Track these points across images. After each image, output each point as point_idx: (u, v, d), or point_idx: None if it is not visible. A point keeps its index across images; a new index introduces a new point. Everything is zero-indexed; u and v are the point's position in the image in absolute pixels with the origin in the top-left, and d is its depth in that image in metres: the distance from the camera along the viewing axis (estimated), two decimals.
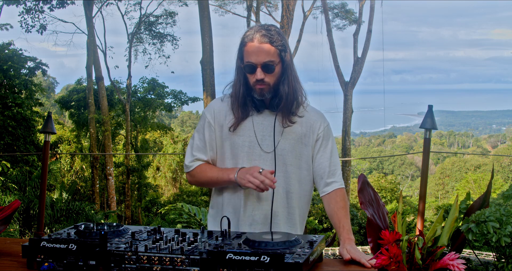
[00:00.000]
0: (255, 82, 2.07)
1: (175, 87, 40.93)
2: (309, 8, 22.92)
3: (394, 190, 29.22)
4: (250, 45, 2.05)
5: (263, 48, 2.03)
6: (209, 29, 13.01)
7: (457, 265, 1.42)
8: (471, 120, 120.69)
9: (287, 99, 2.09)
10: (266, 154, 2.14)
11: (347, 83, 19.85)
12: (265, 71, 2.05)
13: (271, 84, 2.08)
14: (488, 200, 1.68)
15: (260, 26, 2.10)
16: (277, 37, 2.06)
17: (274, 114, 2.15)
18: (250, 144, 2.15)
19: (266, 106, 2.14)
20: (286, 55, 2.08)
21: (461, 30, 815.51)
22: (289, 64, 2.10)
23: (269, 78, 2.07)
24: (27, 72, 16.16)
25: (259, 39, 2.04)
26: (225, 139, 2.18)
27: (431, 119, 3.28)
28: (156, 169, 26.28)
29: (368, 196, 1.71)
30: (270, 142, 2.15)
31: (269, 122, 2.15)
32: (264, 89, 2.08)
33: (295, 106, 2.13)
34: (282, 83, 2.09)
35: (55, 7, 16.25)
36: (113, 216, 16.02)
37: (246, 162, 2.15)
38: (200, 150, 2.20)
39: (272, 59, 2.05)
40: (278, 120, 2.14)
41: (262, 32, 2.05)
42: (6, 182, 11.56)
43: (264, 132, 2.15)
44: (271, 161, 2.14)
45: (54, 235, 1.84)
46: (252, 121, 2.16)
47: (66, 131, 22.56)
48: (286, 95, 2.09)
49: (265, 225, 2.16)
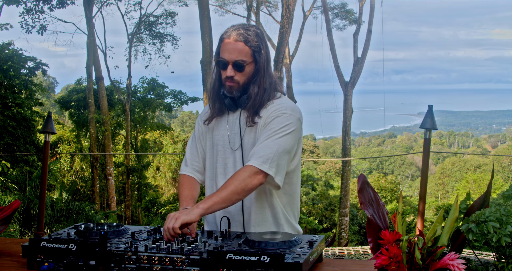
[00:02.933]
0: (225, 78, 2.09)
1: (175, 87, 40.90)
2: (309, 8, 22.92)
3: (394, 190, 29.19)
4: (226, 41, 2.08)
5: (237, 47, 2.05)
6: (209, 29, 13.02)
7: (457, 265, 1.42)
8: (471, 120, 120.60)
9: (254, 100, 2.09)
10: (234, 151, 2.17)
11: (347, 83, 19.84)
12: (235, 69, 2.07)
13: (241, 83, 2.09)
14: (488, 200, 1.68)
15: (242, 25, 2.12)
16: (253, 37, 2.07)
17: (239, 111, 2.17)
18: (224, 142, 2.20)
19: (237, 104, 2.15)
20: (261, 56, 2.08)
21: (461, 30, 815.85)
22: (262, 66, 2.10)
23: (239, 77, 2.08)
24: (27, 72, 16.14)
25: (234, 37, 2.06)
26: (208, 138, 2.25)
27: (431, 119, 3.29)
28: (156, 169, 26.25)
29: (368, 196, 1.71)
30: (238, 139, 2.17)
31: (236, 119, 2.18)
32: (233, 87, 2.10)
33: (260, 107, 2.12)
34: (252, 83, 2.10)
35: (55, 7, 16.23)
36: (113, 216, 16.01)
37: (221, 160, 2.20)
38: (193, 153, 2.30)
39: (244, 59, 2.06)
40: (243, 118, 2.15)
41: (239, 30, 2.07)
42: (6, 182, 11.56)
43: (234, 130, 2.18)
44: (239, 158, 2.16)
45: (54, 235, 1.84)
46: (227, 119, 2.20)
47: (66, 131, 22.54)
48: (255, 96, 2.09)
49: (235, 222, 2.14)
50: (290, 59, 22.56)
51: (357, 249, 12.19)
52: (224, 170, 2.19)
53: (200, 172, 2.30)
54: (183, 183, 2.26)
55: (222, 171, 2.19)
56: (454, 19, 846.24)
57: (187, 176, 2.28)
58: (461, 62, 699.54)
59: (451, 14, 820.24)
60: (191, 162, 2.30)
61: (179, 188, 2.26)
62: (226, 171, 2.18)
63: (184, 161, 2.33)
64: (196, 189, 2.26)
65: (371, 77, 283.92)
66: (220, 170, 2.19)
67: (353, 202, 22.36)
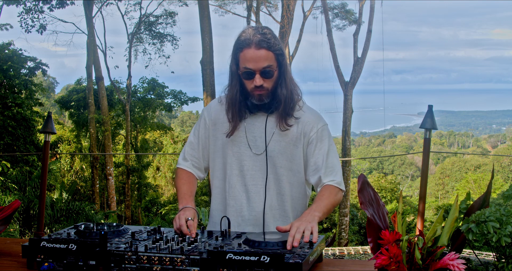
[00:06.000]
0: (254, 88, 2.03)
1: (175, 87, 40.96)
2: (309, 8, 22.91)
3: (394, 190, 29.19)
4: (247, 51, 2.00)
5: (261, 54, 1.99)
6: (209, 29, 13.01)
7: (457, 265, 1.42)
8: (471, 120, 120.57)
9: (285, 102, 2.06)
10: (256, 156, 2.13)
11: (347, 83, 19.83)
12: (264, 77, 2.01)
13: (270, 89, 2.05)
14: (488, 200, 1.68)
15: (255, 29, 2.04)
16: (273, 41, 2.01)
17: (266, 115, 2.12)
18: (240, 144, 2.14)
19: (259, 108, 2.11)
20: (284, 58, 2.05)
21: (461, 30, 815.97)
22: (286, 67, 2.07)
23: (268, 84, 2.04)
24: (27, 72, 16.14)
25: (256, 44, 1.98)
26: (218, 137, 2.19)
27: (431, 119, 3.29)
28: (156, 169, 26.25)
29: (368, 196, 1.71)
30: (261, 143, 2.12)
31: (261, 123, 2.13)
32: (263, 95, 2.06)
33: (292, 109, 2.09)
34: (280, 87, 2.06)
35: (55, 7, 16.23)
36: (113, 216, 16.00)
37: (235, 162, 2.15)
38: (194, 148, 2.25)
39: (270, 64, 2.01)
40: (272, 122, 2.12)
41: (258, 37, 1.99)
42: (6, 182, 11.56)
43: (255, 134, 2.13)
44: (262, 162, 2.12)
45: (54, 235, 1.84)
46: (245, 122, 2.15)
47: (66, 131, 22.53)
48: (285, 99, 2.06)
49: (255, 226, 2.15)
50: (290, 59, 22.56)
51: (357, 249, 12.20)
52: (240, 172, 2.14)
53: (199, 168, 2.27)
54: (182, 177, 2.21)
55: (238, 172, 2.15)
56: (454, 19, 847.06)
57: (186, 171, 2.24)
58: (461, 62, 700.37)
59: (451, 14, 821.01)
60: (191, 158, 2.25)
61: (178, 182, 2.21)
62: (243, 173, 2.14)
63: (182, 155, 2.27)
64: (195, 184, 2.23)
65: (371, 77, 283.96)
66: (236, 171, 2.15)
67: (353, 202, 22.36)
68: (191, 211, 2.02)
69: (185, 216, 1.95)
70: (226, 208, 2.19)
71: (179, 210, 2.06)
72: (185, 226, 1.89)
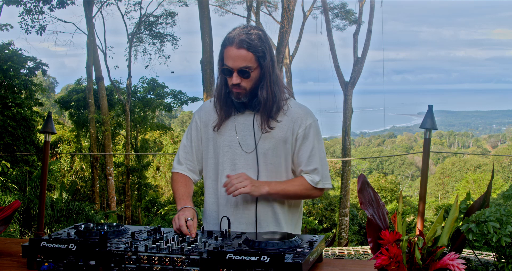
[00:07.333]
0: (231, 85, 2.07)
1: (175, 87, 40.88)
2: (309, 8, 22.93)
3: (394, 190, 29.18)
4: (229, 49, 2.03)
5: (240, 54, 2.01)
6: (209, 29, 13.02)
7: (457, 265, 1.42)
8: (471, 120, 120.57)
9: (265, 104, 2.08)
10: (247, 154, 2.15)
11: (347, 83, 19.84)
12: (241, 76, 2.04)
13: (248, 88, 2.08)
14: (488, 200, 1.68)
15: (243, 29, 2.07)
16: (256, 42, 2.03)
17: (253, 114, 2.15)
18: (231, 143, 2.17)
19: (246, 106, 2.14)
20: (266, 60, 2.05)
21: (461, 30, 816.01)
22: (268, 69, 2.07)
23: (246, 83, 2.06)
24: (27, 72, 16.15)
25: (237, 43, 2.01)
26: (210, 138, 2.22)
27: (431, 119, 3.29)
28: (156, 169, 26.25)
29: (368, 196, 1.71)
30: (251, 141, 2.15)
31: (250, 122, 2.16)
32: (241, 93, 2.08)
33: (274, 111, 2.11)
34: (260, 88, 2.08)
35: (55, 7, 16.22)
36: (113, 216, 16.01)
37: (228, 161, 2.17)
38: (187, 152, 2.27)
39: (248, 65, 2.03)
40: (257, 122, 2.14)
41: (242, 36, 2.02)
42: (6, 182, 11.56)
43: (245, 132, 2.16)
44: (253, 160, 2.15)
45: (54, 235, 1.84)
46: (234, 121, 2.17)
47: (66, 131, 22.53)
48: (265, 100, 2.08)
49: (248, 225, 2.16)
50: (290, 59, 22.58)
51: (357, 249, 12.20)
52: (232, 171, 2.16)
53: (194, 171, 2.28)
54: (178, 181, 2.24)
55: (230, 171, 2.16)
56: (454, 19, 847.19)
57: (181, 174, 2.26)
58: (462, 62, 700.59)
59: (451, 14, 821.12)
60: (185, 161, 2.27)
61: (174, 185, 2.23)
62: (235, 172, 2.15)
63: (177, 159, 2.29)
64: (191, 186, 2.24)
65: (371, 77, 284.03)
66: (227, 171, 2.17)
67: (353, 202, 22.35)
68: (190, 211, 2.03)
69: (185, 216, 1.96)
70: (219, 208, 2.21)
71: (178, 210, 2.07)
72: (185, 226, 1.90)
